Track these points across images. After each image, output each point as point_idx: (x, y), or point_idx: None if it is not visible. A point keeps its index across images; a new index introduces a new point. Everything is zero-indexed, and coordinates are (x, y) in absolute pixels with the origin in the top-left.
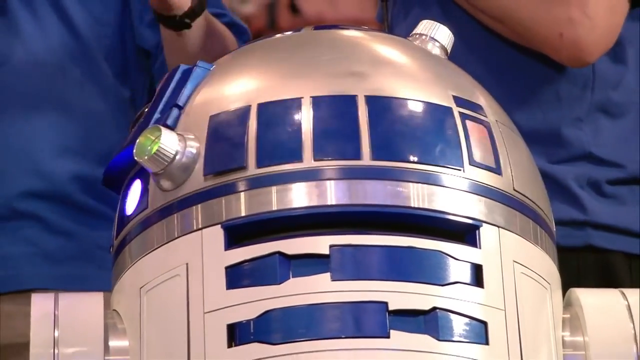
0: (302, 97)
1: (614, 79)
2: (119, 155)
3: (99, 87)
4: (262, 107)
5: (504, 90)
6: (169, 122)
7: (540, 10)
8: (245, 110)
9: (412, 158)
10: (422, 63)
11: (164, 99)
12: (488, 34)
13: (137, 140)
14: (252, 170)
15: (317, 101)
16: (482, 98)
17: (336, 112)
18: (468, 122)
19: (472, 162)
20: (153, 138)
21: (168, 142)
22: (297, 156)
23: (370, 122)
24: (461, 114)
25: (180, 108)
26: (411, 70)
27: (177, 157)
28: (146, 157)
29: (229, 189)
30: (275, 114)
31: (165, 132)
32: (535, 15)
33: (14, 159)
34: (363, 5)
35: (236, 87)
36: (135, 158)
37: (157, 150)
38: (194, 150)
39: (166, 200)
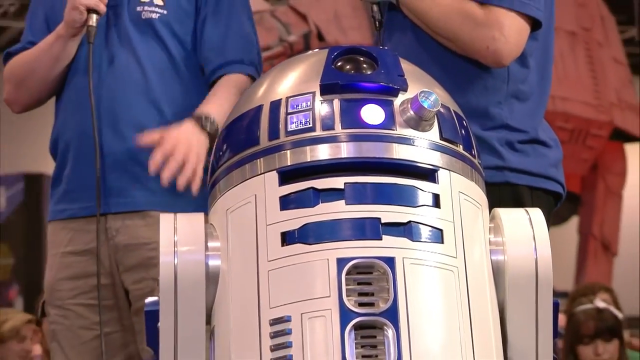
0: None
1: (522, 77)
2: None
3: (181, 84)
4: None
5: (452, 84)
6: None
7: (473, 32)
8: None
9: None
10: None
11: None
12: (443, 49)
13: None
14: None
15: None
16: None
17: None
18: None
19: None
20: None
21: None
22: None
23: None
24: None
25: None
26: None
27: None
28: None
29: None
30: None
31: None
32: (470, 35)
33: (131, 127)
34: (364, 33)
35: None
36: None
37: None
38: None
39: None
